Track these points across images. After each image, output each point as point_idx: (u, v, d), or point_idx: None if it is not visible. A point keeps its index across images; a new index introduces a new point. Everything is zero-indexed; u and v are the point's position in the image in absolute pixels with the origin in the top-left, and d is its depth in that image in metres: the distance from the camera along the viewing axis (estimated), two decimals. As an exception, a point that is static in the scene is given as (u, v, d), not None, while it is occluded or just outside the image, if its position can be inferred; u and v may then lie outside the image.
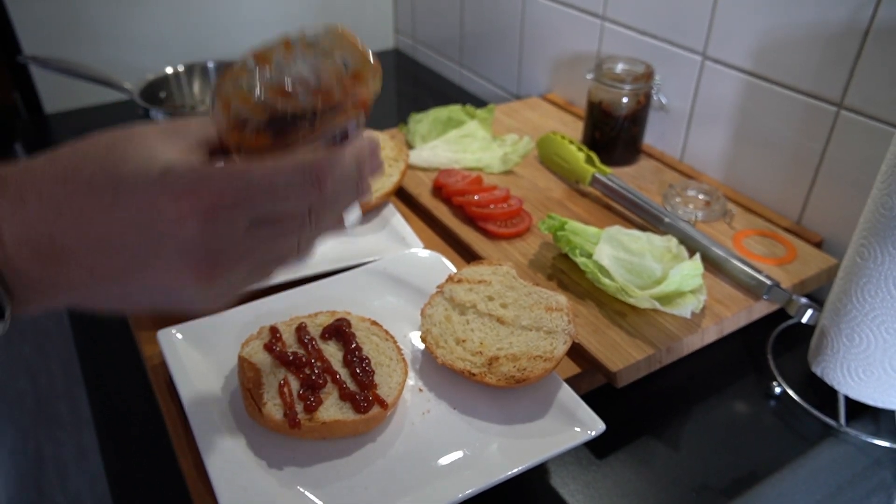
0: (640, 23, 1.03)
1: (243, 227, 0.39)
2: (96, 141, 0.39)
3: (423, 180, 0.98)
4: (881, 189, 0.60)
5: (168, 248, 0.38)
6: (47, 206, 0.37)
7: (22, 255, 0.37)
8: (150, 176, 0.37)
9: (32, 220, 0.36)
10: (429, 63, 1.61)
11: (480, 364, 0.64)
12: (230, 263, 0.40)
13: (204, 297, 0.41)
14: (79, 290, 0.39)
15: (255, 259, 0.42)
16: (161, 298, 0.41)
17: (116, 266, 0.38)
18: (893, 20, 0.73)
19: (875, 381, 0.65)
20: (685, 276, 0.72)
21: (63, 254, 0.37)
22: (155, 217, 0.37)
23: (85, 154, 0.38)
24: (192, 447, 0.60)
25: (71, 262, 0.38)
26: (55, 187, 0.37)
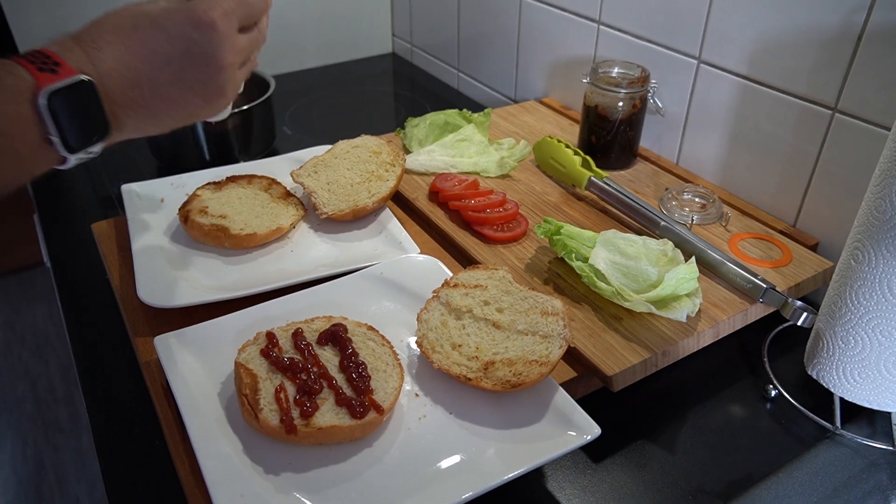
0: (636, 27, 1.03)
1: (236, 30, 0.57)
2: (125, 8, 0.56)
3: (419, 185, 0.98)
4: (875, 192, 0.60)
5: (200, 51, 0.55)
6: (116, 45, 0.53)
7: (113, 82, 0.52)
8: (173, 6, 0.55)
9: (110, 57, 0.52)
10: (426, 67, 1.61)
11: (476, 369, 0.64)
12: (233, 66, 0.58)
13: (217, 104, 0.59)
14: (142, 111, 0.55)
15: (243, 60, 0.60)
16: (187, 115, 0.58)
17: (167, 79, 0.54)
18: (887, 24, 0.73)
19: (870, 383, 0.65)
20: (681, 280, 0.72)
21: (135, 75, 0.53)
22: (191, 27, 0.54)
23: (123, 10, 0.55)
24: (188, 453, 0.60)
25: (141, 80, 0.54)
26: (114, 34, 0.53)
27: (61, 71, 0.48)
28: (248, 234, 0.82)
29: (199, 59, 0.55)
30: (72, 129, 0.50)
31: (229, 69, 0.57)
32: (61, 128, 0.49)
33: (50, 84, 0.48)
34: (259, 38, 0.62)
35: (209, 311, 0.73)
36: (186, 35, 0.54)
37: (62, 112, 0.49)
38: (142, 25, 0.54)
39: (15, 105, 0.47)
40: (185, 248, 0.84)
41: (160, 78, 0.54)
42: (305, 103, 1.42)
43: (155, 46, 0.54)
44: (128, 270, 0.81)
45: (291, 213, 0.87)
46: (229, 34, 0.56)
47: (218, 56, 0.55)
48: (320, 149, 1.00)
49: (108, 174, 1.12)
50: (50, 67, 0.48)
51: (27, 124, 0.48)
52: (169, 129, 0.59)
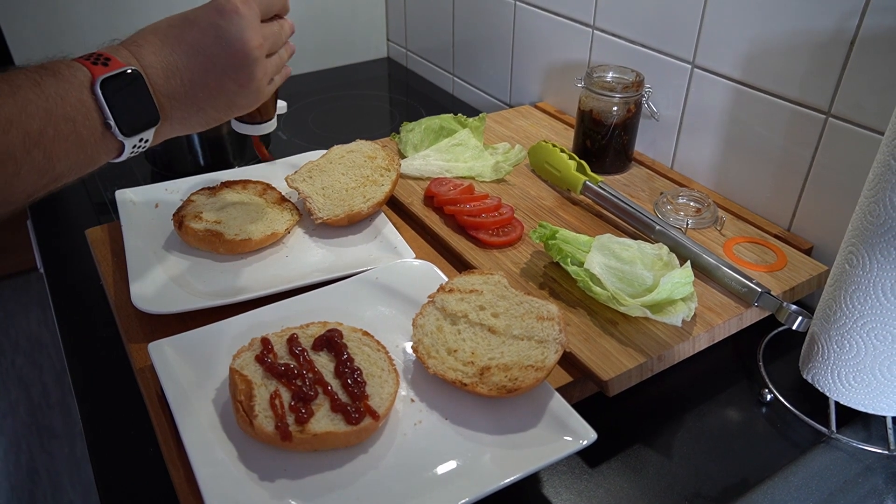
0: (630, 32, 1.03)
1: (259, 16, 0.63)
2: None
3: (414, 189, 0.98)
4: (868, 196, 0.61)
5: (228, 36, 0.60)
6: (154, 42, 0.59)
7: (155, 72, 0.59)
8: (202, 6, 0.61)
9: (150, 53, 0.59)
10: (421, 72, 1.61)
11: (472, 374, 0.64)
12: (260, 50, 0.63)
13: (251, 92, 0.64)
14: (183, 100, 0.61)
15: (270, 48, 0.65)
16: (225, 103, 0.63)
17: (202, 66, 0.60)
18: (879, 29, 0.73)
19: (865, 387, 0.65)
20: (676, 284, 0.72)
21: (174, 65, 0.59)
22: (218, 15, 0.60)
23: (162, 19, 0.62)
24: (183, 460, 0.60)
25: (179, 70, 0.60)
26: (152, 34, 0.60)
27: (111, 64, 0.56)
28: (243, 240, 0.82)
29: (228, 43, 0.61)
30: (125, 113, 0.56)
31: (256, 51, 0.62)
32: (116, 113, 0.56)
33: (103, 74, 0.55)
34: (282, 30, 0.67)
35: (204, 316, 0.73)
36: (214, 23, 0.60)
37: (115, 98, 0.55)
38: (175, 23, 0.61)
39: (76, 93, 0.54)
40: (179, 253, 0.84)
41: (196, 66, 0.60)
42: (300, 108, 1.42)
43: (188, 38, 0.60)
44: (122, 276, 0.81)
45: (286, 218, 0.87)
46: (252, 18, 0.62)
47: (244, 37, 0.61)
48: (315, 153, 1.00)
49: (103, 180, 1.11)
50: (102, 62, 0.56)
51: (88, 110, 0.54)
52: (213, 120, 0.64)
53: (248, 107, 0.66)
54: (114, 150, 0.59)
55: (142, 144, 0.60)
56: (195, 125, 0.64)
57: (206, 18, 0.61)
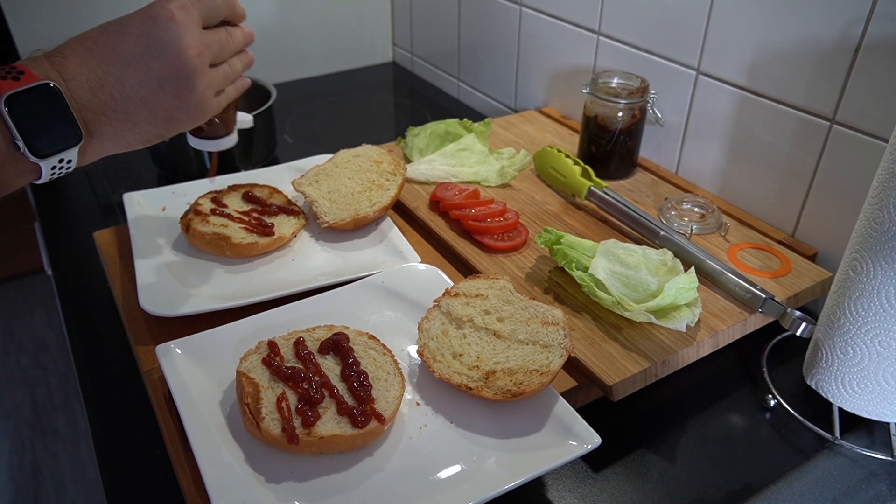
0: (635, 38, 1.04)
1: (199, 23, 0.58)
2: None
3: (420, 194, 0.99)
4: (872, 204, 0.61)
5: (162, 44, 0.55)
6: (80, 52, 0.54)
7: (80, 86, 0.53)
8: (136, 12, 0.57)
9: (74, 63, 0.54)
10: (426, 76, 1.62)
11: (477, 378, 0.64)
12: (200, 59, 0.57)
13: (191, 105, 0.58)
14: (114, 116, 0.55)
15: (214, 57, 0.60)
16: (164, 118, 0.58)
17: (135, 78, 0.55)
18: (884, 37, 0.74)
19: (869, 393, 0.66)
20: (680, 290, 0.72)
21: (102, 77, 0.54)
22: (151, 22, 0.55)
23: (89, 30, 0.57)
24: (190, 461, 0.60)
25: (109, 82, 0.54)
26: (79, 42, 0.55)
27: (24, 78, 0.50)
28: (250, 243, 0.82)
29: (163, 52, 0.55)
30: (37, 133, 0.51)
31: (194, 60, 0.57)
32: (26, 132, 0.50)
33: (10, 90, 0.50)
34: (231, 38, 0.62)
35: (211, 319, 0.73)
36: (147, 30, 0.55)
37: (25, 116, 0.50)
38: (105, 31, 0.56)
39: None
40: (186, 256, 0.84)
41: (128, 78, 0.55)
42: (306, 112, 1.42)
43: (119, 47, 0.55)
44: (129, 279, 0.81)
45: (292, 222, 0.88)
46: (190, 25, 0.57)
47: (180, 45, 0.56)
48: (321, 158, 1.01)
49: (110, 182, 1.12)
50: (13, 76, 0.50)
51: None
52: (152, 137, 0.59)
53: (191, 122, 0.60)
54: (29, 173, 0.53)
55: (63, 165, 0.54)
56: (132, 142, 0.59)
57: (139, 25, 0.56)
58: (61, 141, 0.53)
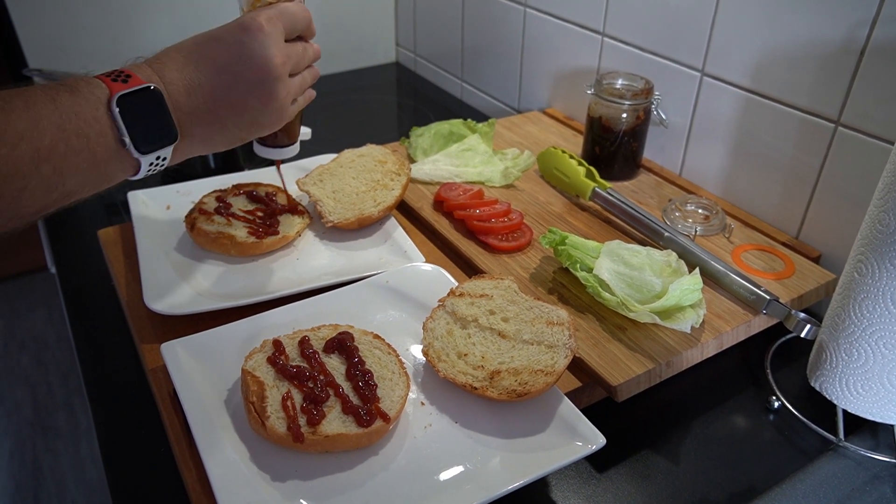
0: (640, 39, 1.04)
1: (282, 35, 0.63)
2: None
3: (424, 194, 0.99)
4: (878, 206, 0.61)
5: (252, 53, 0.60)
6: (178, 60, 0.59)
7: (177, 90, 0.58)
8: (227, 24, 0.61)
9: (173, 70, 0.59)
10: (430, 77, 1.62)
11: (482, 378, 0.64)
12: (283, 67, 0.62)
13: (273, 110, 0.63)
14: (205, 118, 0.60)
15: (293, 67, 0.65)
16: (248, 121, 0.63)
17: (226, 84, 0.60)
18: (889, 40, 0.74)
19: (873, 395, 0.66)
20: (684, 291, 0.72)
21: (197, 82, 0.59)
22: (243, 33, 0.60)
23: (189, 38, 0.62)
24: (195, 460, 0.60)
25: (202, 87, 0.59)
26: (177, 51, 0.60)
27: (132, 81, 0.56)
28: (254, 242, 0.83)
29: (252, 61, 0.60)
30: (142, 131, 0.56)
31: (280, 69, 0.62)
32: (132, 130, 0.55)
33: (121, 90, 0.55)
34: (306, 52, 0.67)
35: (215, 318, 0.73)
36: (239, 40, 0.60)
37: (132, 115, 0.55)
38: (200, 41, 0.61)
39: (92, 109, 0.53)
40: (191, 255, 0.84)
41: (220, 83, 0.60)
42: (310, 112, 1.42)
43: (213, 56, 0.60)
44: (134, 277, 0.82)
45: (297, 221, 0.88)
46: (276, 36, 0.62)
47: (268, 55, 0.61)
48: (326, 157, 1.01)
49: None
50: (122, 79, 0.56)
51: (104, 127, 0.54)
52: (235, 139, 0.64)
53: (271, 126, 0.65)
54: (130, 168, 0.58)
55: (159, 163, 0.59)
56: (217, 144, 0.64)
57: (231, 36, 0.61)
58: (161, 139, 0.57)
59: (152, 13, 1.33)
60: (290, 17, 0.64)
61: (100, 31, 1.29)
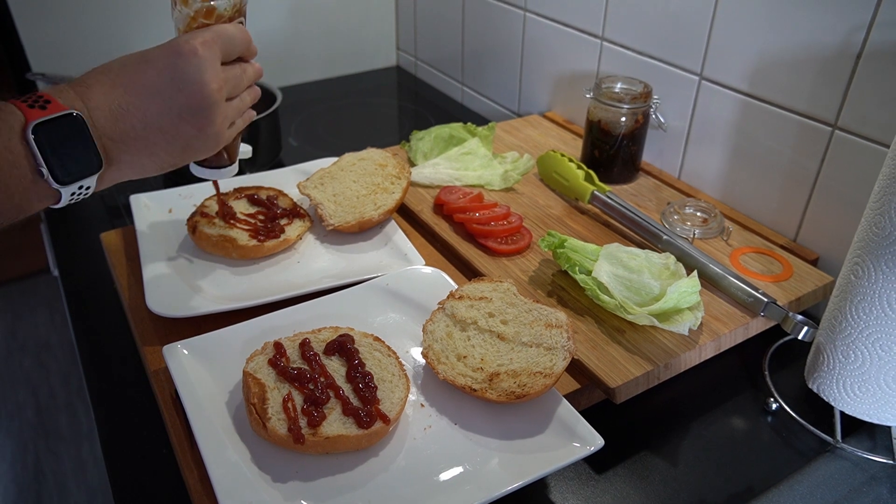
0: (639, 43, 1.05)
1: (218, 59, 0.60)
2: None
3: (424, 197, 0.99)
4: (874, 209, 0.61)
5: (186, 78, 0.57)
6: (105, 83, 0.56)
7: (103, 115, 0.55)
8: (159, 45, 0.58)
9: (98, 94, 0.55)
10: (430, 80, 1.63)
11: (481, 380, 0.65)
12: (219, 93, 0.59)
13: (209, 136, 0.61)
14: (134, 144, 0.57)
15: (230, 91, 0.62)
16: (181, 147, 0.60)
17: (157, 109, 0.57)
18: (885, 44, 0.74)
19: (870, 397, 0.66)
20: (683, 293, 0.73)
21: (125, 107, 0.56)
22: (176, 56, 0.57)
23: (116, 58, 0.58)
24: (197, 461, 0.61)
25: (131, 112, 0.56)
26: (104, 73, 0.56)
27: (50, 107, 0.52)
28: (256, 246, 0.83)
29: (185, 85, 0.57)
30: (60, 161, 0.52)
31: (215, 94, 0.59)
32: (49, 160, 0.51)
33: (37, 118, 0.51)
34: (244, 74, 0.64)
35: (217, 320, 0.74)
36: (171, 63, 0.57)
37: (50, 144, 0.51)
38: (129, 63, 0.57)
39: (5, 140, 0.50)
40: (193, 258, 0.85)
41: (151, 108, 0.57)
42: (311, 115, 1.43)
43: (143, 79, 0.57)
44: (136, 280, 0.82)
45: (298, 224, 0.88)
46: (212, 61, 0.59)
47: (203, 80, 0.58)
48: (326, 161, 1.02)
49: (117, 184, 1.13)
50: (41, 105, 0.52)
51: (17, 157, 0.50)
52: (167, 165, 0.61)
53: (206, 151, 0.63)
54: (49, 198, 0.54)
55: (82, 192, 0.56)
56: (148, 169, 0.60)
57: (164, 59, 0.57)
58: (83, 168, 0.54)
59: (154, 18, 1.34)
60: (227, 40, 0.61)
61: (103, 36, 1.30)
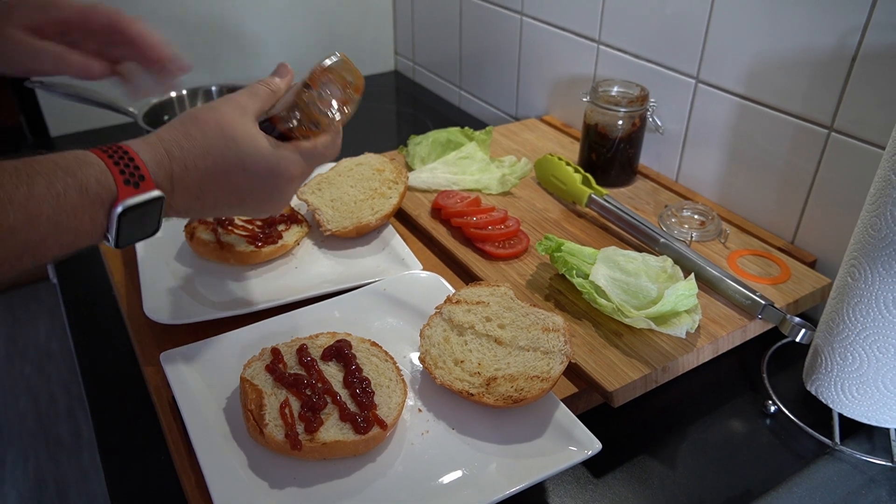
0: (635, 47, 1.05)
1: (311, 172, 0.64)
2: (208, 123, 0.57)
3: (422, 202, 0.99)
4: (870, 210, 0.62)
5: (274, 196, 0.61)
6: (199, 171, 0.56)
7: (182, 198, 0.56)
8: (262, 154, 0.59)
9: (192, 182, 0.56)
10: (428, 85, 1.63)
11: (478, 384, 0.65)
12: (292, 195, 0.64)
13: (278, 209, 0.64)
14: (192, 213, 0.59)
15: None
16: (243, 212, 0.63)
17: (234, 202, 0.59)
18: (880, 46, 0.74)
19: (868, 399, 0.66)
20: (680, 296, 0.73)
21: (204, 195, 0.57)
22: (275, 178, 0.60)
23: (212, 133, 0.57)
24: (194, 467, 0.61)
25: (208, 199, 0.58)
26: (200, 160, 0.56)
27: (143, 185, 0.52)
28: (253, 251, 0.83)
29: (271, 199, 0.62)
30: (129, 232, 0.53)
31: (292, 197, 0.65)
32: (121, 233, 0.52)
33: (129, 199, 0.51)
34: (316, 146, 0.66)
35: (215, 327, 0.74)
36: (268, 183, 0.60)
37: (128, 222, 0.52)
38: (228, 159, 0.57)
39: (93, 211, 0.50)
40: (190, 264, 0.85)
41: (230, 200, 0.60)
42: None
43: (234, 181, 0.58)
44: (134, 287, 0.82)
45: (295, 230, 0.89)
46: (304, 179, 0.64)
47: (288, 196, 0.63)
48: (324, 166, 1.02)
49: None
50: (135, 182, 0.52)
51: (96, 226, 0.51)
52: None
53: (269, 214, 0.67)
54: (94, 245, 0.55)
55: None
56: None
57: (263, 176, 0.59)
58: (142, 236, 0.55)
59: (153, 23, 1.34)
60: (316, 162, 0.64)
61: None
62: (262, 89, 0.63)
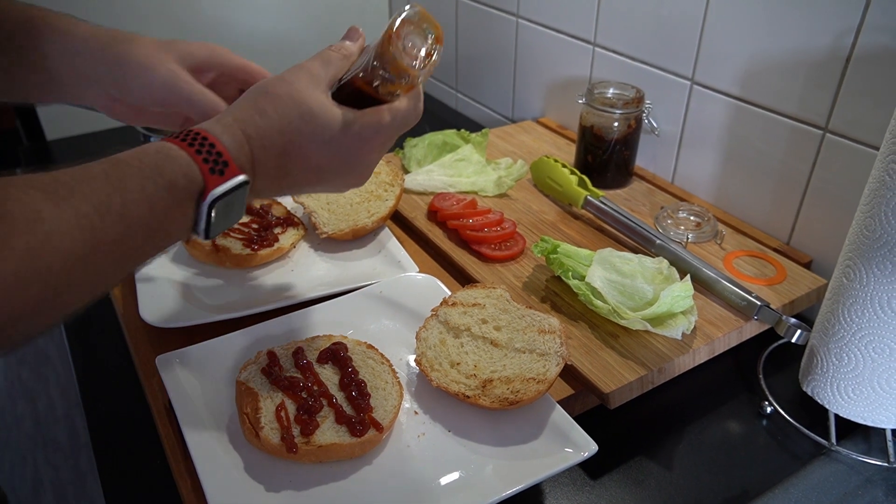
0: (631, 49, 1.05)
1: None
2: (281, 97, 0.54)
3: (418, 204, 0.99)
4: (864, 211, 0.62)
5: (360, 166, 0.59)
6: (277, 147, 0.53)
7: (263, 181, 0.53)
8: (342, 125, 0.55)
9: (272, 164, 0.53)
10: (424, 87, 1.63)
11: (474, 386, 0.65)
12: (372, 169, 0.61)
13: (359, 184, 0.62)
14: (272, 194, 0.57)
15: None
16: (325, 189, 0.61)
17: (314, 180, 0.57)
18: (874, 47, 0.75)
19: (864, 399, 0.66)
20: (676, 298, 0.73)
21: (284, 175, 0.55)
22: (357, 150, 0.57)
23: (286, 107, 0.54)
24: (190, 471, 0.60)
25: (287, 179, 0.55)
26: (279, 136, 0.53)
27: (228, 172, 0.49)
28: (249, 254, 0.83)
29: (351, 175, 0.59)
30: (218, 223, 0.50)
31: (368, 177, 0.62)
32: (211, 222, 0.49)
33: (217, 188, 0.48)
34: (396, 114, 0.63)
35: (211, 330, 0.74)
36: (347, 152, 0.57)
37: (217, 214, 0.49)
38: (309, 138, 0.55)
39: (183, 208, 0.48)
40: (186, 267, 0.85)
41: (304, 179, 0.57)
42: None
43: (315, 156, 0.55)
44: (130, 290, 0.82)
45: (292, 232, 0.89)
46: (388, 146, 0.60)
47: (370, 168, 0.60)
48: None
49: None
50: (220, 169, 0.49)
51: (185, 220, 0.49)
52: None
53: (348, 189, 0.63)
54: None
55: None
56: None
57: (346, 151, 0.56)
58: (228, 225, 0.52)
59: (155, 24, 1.34)
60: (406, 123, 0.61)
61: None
62: (334, 55, 0.59)
